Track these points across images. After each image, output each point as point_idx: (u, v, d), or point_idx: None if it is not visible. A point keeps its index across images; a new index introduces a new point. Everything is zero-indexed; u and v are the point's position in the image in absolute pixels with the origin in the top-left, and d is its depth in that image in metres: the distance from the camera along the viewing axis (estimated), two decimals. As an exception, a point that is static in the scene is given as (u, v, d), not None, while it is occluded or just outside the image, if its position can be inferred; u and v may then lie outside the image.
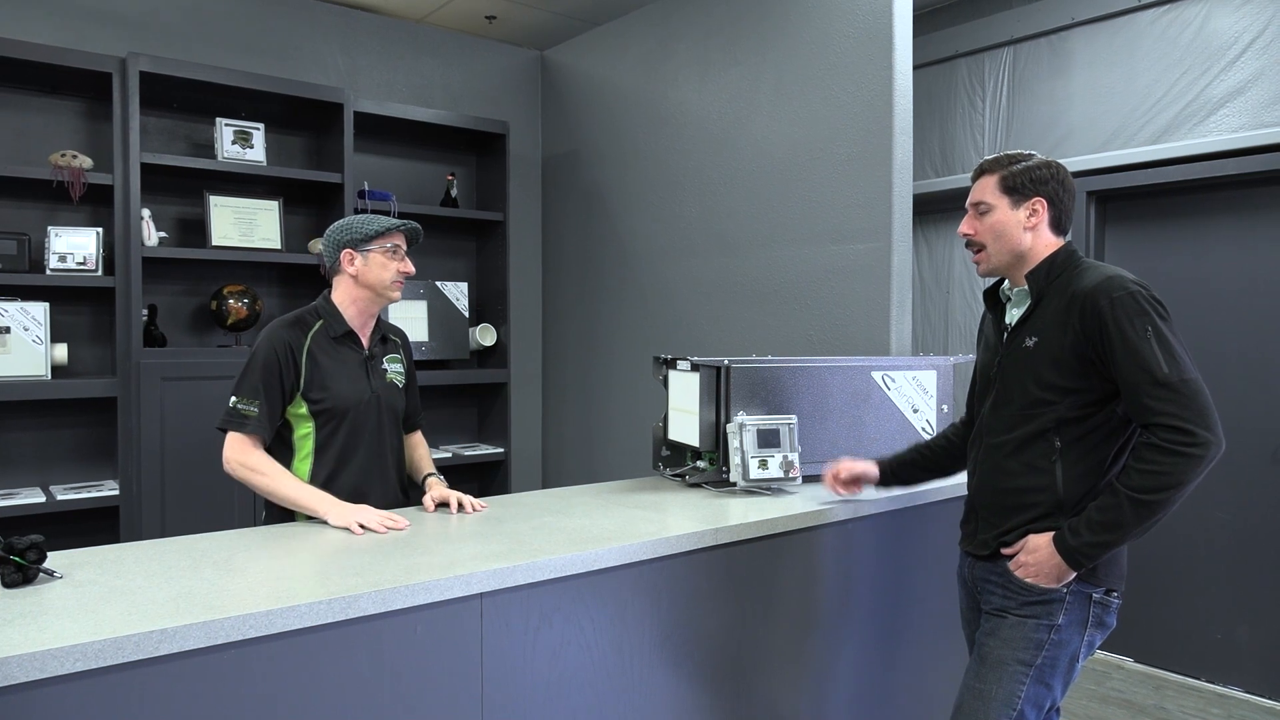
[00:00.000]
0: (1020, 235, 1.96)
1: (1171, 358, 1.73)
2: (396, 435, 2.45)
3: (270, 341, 2.26)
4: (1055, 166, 1.97)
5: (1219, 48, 3.76)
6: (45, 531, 1.88)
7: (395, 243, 2.35)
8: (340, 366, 2.32)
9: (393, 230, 2.35)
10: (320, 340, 2.31)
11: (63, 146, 3.56)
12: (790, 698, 2.37)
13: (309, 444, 2.30)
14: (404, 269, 2.36)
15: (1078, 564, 1.82)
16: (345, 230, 2.35)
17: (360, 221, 2.35)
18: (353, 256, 2.33)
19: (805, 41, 3.59)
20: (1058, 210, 1.96)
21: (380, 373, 2.40)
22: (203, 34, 3.99)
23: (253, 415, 2.19)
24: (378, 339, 2.44)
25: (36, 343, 3.32)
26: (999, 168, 1.98)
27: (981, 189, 2.00)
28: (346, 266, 2.34)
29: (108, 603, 1.52)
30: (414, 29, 4.64)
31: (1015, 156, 1.99)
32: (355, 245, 2.33)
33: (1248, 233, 3.82)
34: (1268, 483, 3.75)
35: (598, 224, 4.71)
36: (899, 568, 2.62)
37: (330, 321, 2.34)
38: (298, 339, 2.28)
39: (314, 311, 2.36)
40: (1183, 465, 1.70)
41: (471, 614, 1.75)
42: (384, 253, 2.33)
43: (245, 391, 2.21)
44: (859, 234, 3.40)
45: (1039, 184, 1.95)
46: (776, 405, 2.68)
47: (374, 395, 2.36)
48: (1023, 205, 1.95)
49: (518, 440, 4.91)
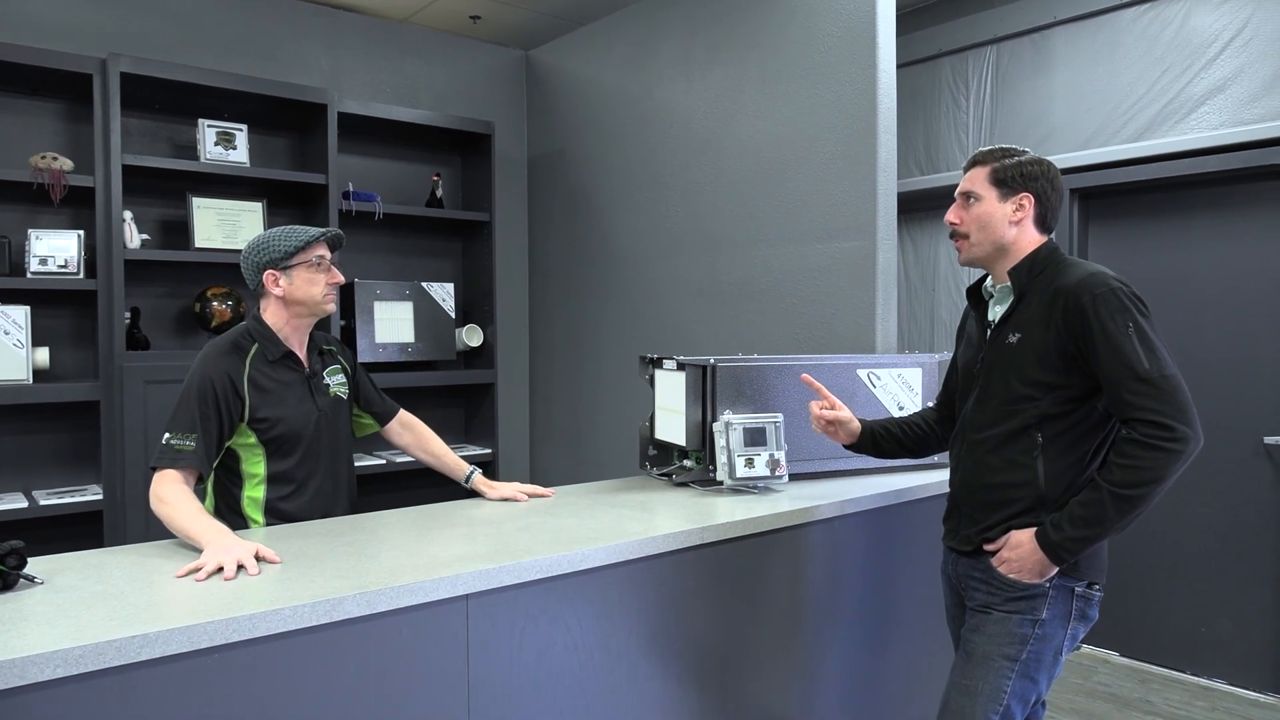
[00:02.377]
0: (1005, 228, 1.97)
1: (1152, 354, 1.75)
2: (347, 450, 2.41)
3: (207, 371, 2.13)
4: (1046, 164, 1.99)
5: (1199, 45, 3.79)
6: (28, 537, 1.86)
7: (319, 254, 2.23)
8: (284, 389, 2.22)
9: (314, 242, 2.23)
10: (259, 365, 2.20)
11: (43, 148, 3.53)
12: (778, 695, 2.37)
13: (260, 471, 2.21)
14: (333, 280, 2.25)
15: (1060, 559, 1.83)
16: (263, 250, 2.22)
17: (278, 237, 2.22)
18: (276, 277, 2.21)
19: (789, 40, 3.60)
20: (1044, 208, 1.98)
21: (323, 389, 2.32)
22: (184, 34, 3.96)
23: (188, 450, 2.04)
24: (315, 354, 2.34)
25: (17, 346, 3.29)
26: (992, 159, 2.00)
27: (972, 179, 2.02)
28: (272, 288, 2.22)
29: (89, 608, 1.51)
30: (398, 29, 4.62)
31: (1009, 150, 2.01)
32: (276, 265, 2.21)
33: (1229, 229, 3.85)
34: (1250, 478, 3.78)
35: (584, 224, 4.71)
36: (885, 565, 2.63)
37: (266, 344, 2.23)
38: (236, 367, 2.17)
39: (247, 334, 2.24)
40: (1163, 460, 1.71)
41: (457, 615, 1.74)
42: (309, 267, 2.21)
43: (181, 426, 2.07)
44: (844, 232, 3.40)
45: (1029, 180, 1.96)
46: (762, 404, 2.68)
47: (321, 414, 2.29)
48: (1011, 199, 1.97)
49: (505, 441, 4.90)
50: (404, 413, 2.59)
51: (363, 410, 2.52)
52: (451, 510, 2.32)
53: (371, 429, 2.56)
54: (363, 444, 4.24)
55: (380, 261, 4.47)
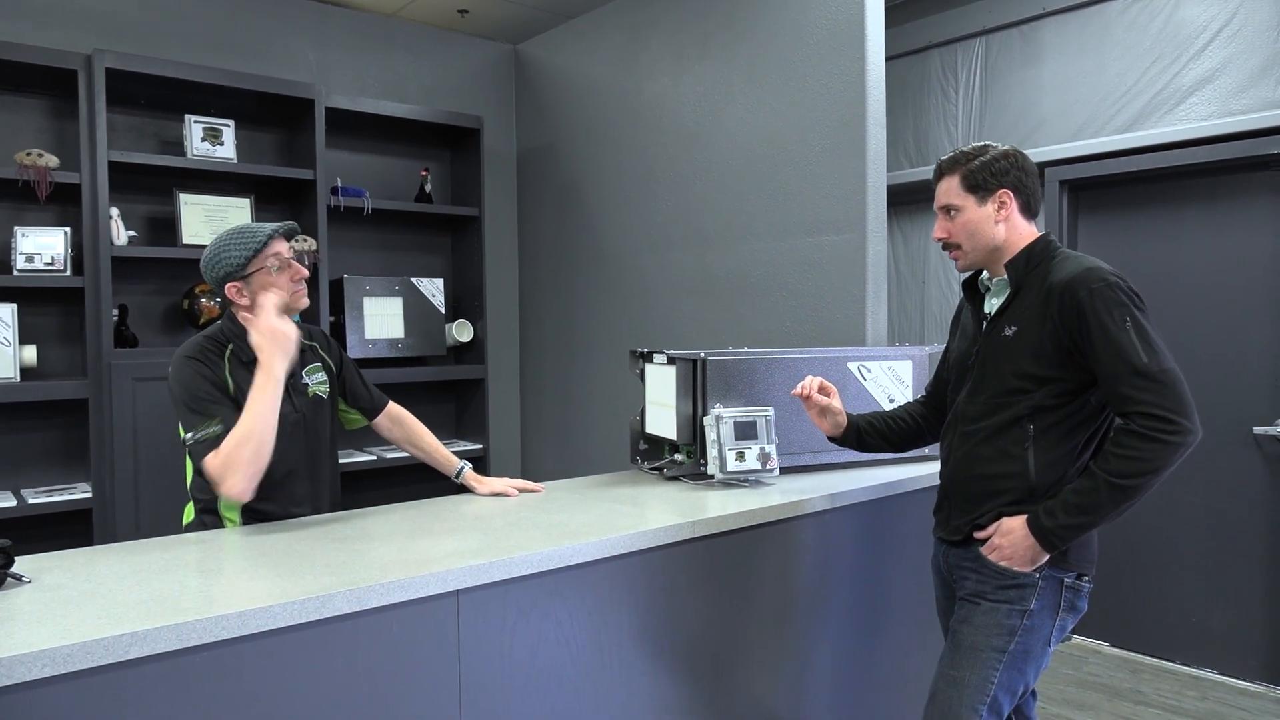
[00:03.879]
0: (993, 230, 1.97)
1: (1150, 348, 1.75)
2: (331, 450, 2.36)
3: (189, 366, 2.08)
4: (1013, 154, 1.97)
5: (1188, 36, 3.79)
6: (17, 536, 1.85)
7: (275, 253, 2.14)
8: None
9: (266, 242, 2.13)
10: (234, 366, 2.13)
11: (28, 145, 3.50)
12: (769, 687, 2.38)
13: None
14: (296, 275, 2.17)
15: (1051, 545, 1.84)
16: (218, 264, 2.12)
17: (230, 246, 2.12)
18: (239, 288, 2.13)
19: (778, 33, 3.59)
20: (1025, 197, 1.98)
21: (301, 389, 2.25)
22: (170, 29, 3.94)
23: (216, 433, 1.99)
24: (295, 353, 2.20)
25: (4, 344, 3.27)
26: (957, 167, 1.99)
27: (946, 191, 2.01)
28: (238, 299, 2.14)
29: (77, 606, 1.50)
30: (386, 23, 4.60)
31: (970, 153, 1.99)
32: (234, 276, 2.12)
33: (1218, 219, 3.86)
34: (1240, 468, 3.80)
35: (573, 218, 4.70)
36: (876, 557, 2.63)
37: (240, 345, 2.14)
38: (214, 365, 2.11)
39: (222, 334, 2.17)
40: (1161, 452, 1.72)
41: (448, 611, 1.74)
42: (267, 273, 2.13)
43: (194, 420, 2.03)
44: (834, 225, 3.40)
45: (1000, 176, 1.96)
46: (753, 397, 2.68)
47: (300, 416, 2.22)
48: (989, 200, 1.96)
49: (496, 436, 4.89)
50: (393, 406, 2.54)
51: (349, 405, 2.47)
52: (441, 506, 2.31)
53: (360, 423, 2.52)
54: (352, 440, 4.24)
55: (369, 257, 4.46)
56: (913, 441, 2.36)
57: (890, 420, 2.36)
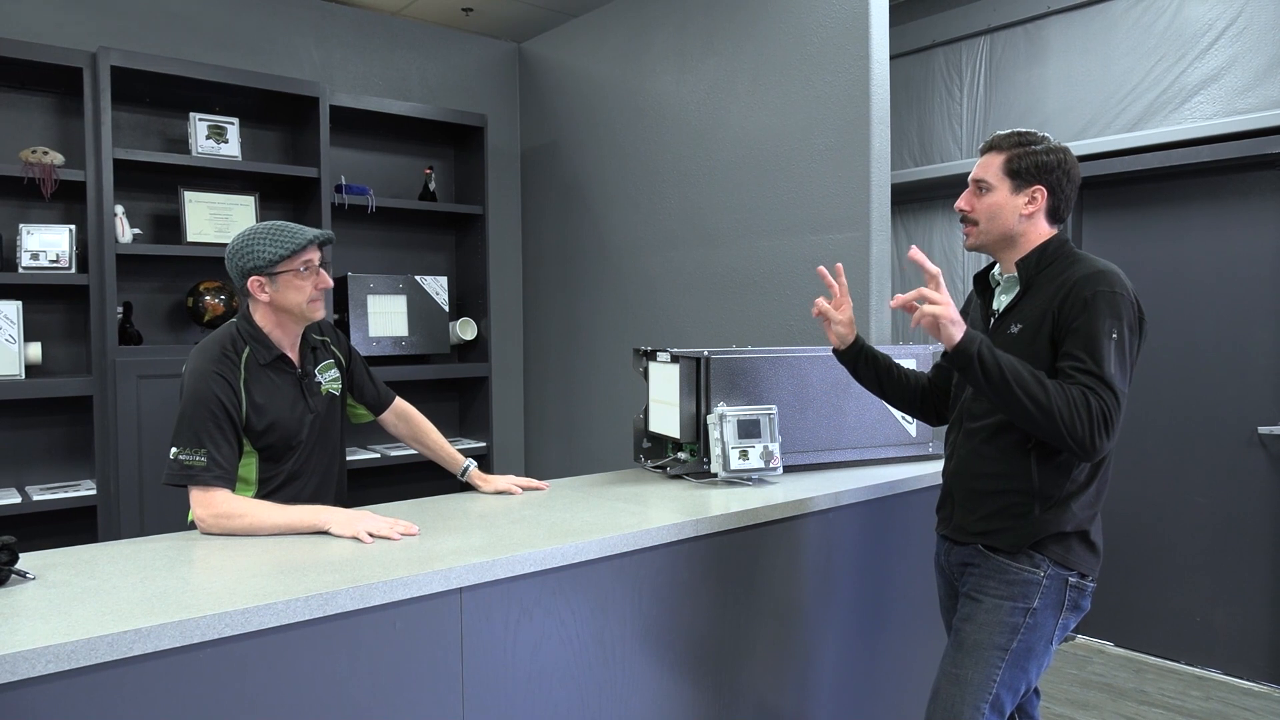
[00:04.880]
0: (1014, 220, 1.95)
1: (1120, 365, 1.78)
2: (340, 446, 2.38)
3: (205, 379, 2.04)
4: (1062, 154, 1.95)
5: (1193, 35, 3.78)
6: (22, 533, 1.85)
7: (306, 260, 2.14)
8: (276, 393, 2.16)
9: (305, 246, 2.13)
10: (253, 369, 2.13)
11: (33, 143, 3.51)
12: (772, 686, 2.38)
13: (251, 475, 2.16)
14: (320, 284, 2.17)
15: (962, 348, 1.78)
16: (248, 255, 2.11)
17: (264, 241, 2.11)
18: (262, 283, 2.13)
19: (782, 31, 3.59)
20: (1057, 200, 1.96)
21: (315, 388, 2.26)
22: (175, 27, 3.94)
23: (199, 465, 1.97)
24: (308, 351, 2.26)
25: (10, 342, 3.28)
26: (1008, 147, 1.96)
27: (986, 166, 1.98)
28: (258, 294, 2.14)
29: (81, 603, 1.51)
30: (390, 21, 4.60)
31: (1026, 137, 1.96)
32: (261, 271, 2.11)
33: (1223, 218, 3.85)
34: (1245, 467, 3.79)
35: (577, 216, 4.70)
36: (880, 556, 2.63)
37: (258, 348, 2.15)
38: (232, 372, 2.09)
39: (239, 336, 2.16)
40: (1066, 424, 1.72)
41: (451, 609, 1.74)
42: (296, 275, 2.12)
43: (186, 440, 2.00)
44: (838, 224, 3.40)
45: (1043, 172, 1.93)
46: (757, 396, 2.68)
47: (314, 416, 2.24)
48: (1023, 192, 1.94)
49: (499, 434, 4.90)
50: (400, 402, 2.55)
51: (356, 401, 2.48)
52: (445, 503, 2.32)
53: (366, 418, 2.53)
54: (358, 437, 4.25)
55: (373, 255, 4.46)
56: (900, 396, 2.28)
57: (894, 368, 2.30)
